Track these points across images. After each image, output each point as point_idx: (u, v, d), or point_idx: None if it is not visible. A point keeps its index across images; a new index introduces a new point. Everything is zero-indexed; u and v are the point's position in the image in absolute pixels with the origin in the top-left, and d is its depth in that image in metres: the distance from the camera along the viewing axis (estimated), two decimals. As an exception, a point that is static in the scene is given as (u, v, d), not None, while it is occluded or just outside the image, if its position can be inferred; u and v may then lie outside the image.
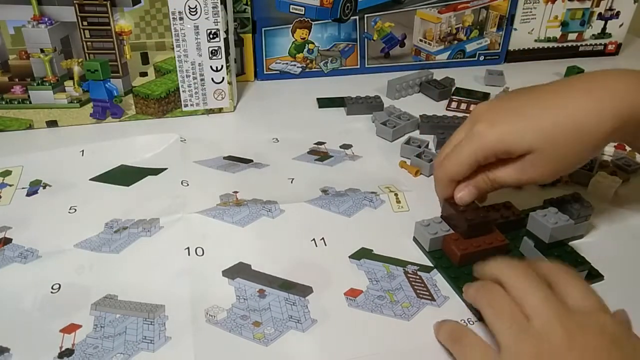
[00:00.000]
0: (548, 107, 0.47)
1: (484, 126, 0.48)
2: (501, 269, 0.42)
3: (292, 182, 0.63)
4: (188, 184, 0.62)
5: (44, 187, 0.62)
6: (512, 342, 0.38)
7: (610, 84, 0.47)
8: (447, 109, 0.82)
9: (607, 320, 0.37)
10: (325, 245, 0.54)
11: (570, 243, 0.52)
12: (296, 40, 0.88)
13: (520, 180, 0.48)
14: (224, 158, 0.68)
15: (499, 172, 0.49)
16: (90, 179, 0.63)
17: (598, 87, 0.47)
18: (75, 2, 0.68)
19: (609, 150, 0.70)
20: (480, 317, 0.44)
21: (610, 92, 0.46)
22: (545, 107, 0.47)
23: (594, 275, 0.50)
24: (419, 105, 0.82)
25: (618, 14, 0.97)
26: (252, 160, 0.67)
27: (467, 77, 0.91)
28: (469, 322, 0.45)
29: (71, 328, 0.45)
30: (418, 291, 0.49)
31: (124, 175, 0.64)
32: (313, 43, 0.89)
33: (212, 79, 0.76)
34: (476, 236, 0.51)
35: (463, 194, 0.51)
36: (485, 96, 0.84)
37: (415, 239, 0.54)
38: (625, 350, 0.36)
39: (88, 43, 0.71)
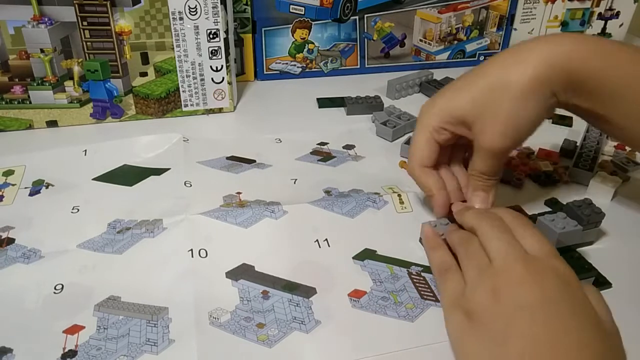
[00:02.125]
0: (478, 76, 0.49)
1: (426, 105, 0.53)
2: (475, 218, 0.47)
3: (295, 182, 0.63)
4: (191, 185, 0.61)
5: (47, 187, 0.61)
6: (474, 277, 0.42)
7: (535, 42, 0.47)
8: (447, 109, 0.82)
9: (560, 265, 0.40)
10: (329, 246, 0.54)
11: (580, 249, 0.52)
12: (296, 40, 0.88)
13: (485, 154, 0.49)
14: (227, 158, 0.67)
15: (471, 162, 0.51)
16: (93, 179, 0.63)
17: (523, 47, 0.47)
18: (75, 2, 0.68)
19: (609, 150, 0.70)
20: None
21: (534, 48, 0.47)
22: (475, 77, 0.49)
23: (601, 283, 0.50)
24: (419, 105, 0.80)
25: (618, 14, 0.97)
26: (254, 161, 0.67)
27: (467, 77, 0.91)
28: None
29: (74, 329, 0.45)
30: (422, 292, 0.49)
31: (127, 175, 0.64)
32: (313, 43, 0.88)
33: (212, 79, 0.76)
34: None
35: (474, 202, 0.52)
36: (485, 96, 0.84)
37: (421, 240, 0.54)
38: (575, 291, 0.39)
39: (88, 43, 0.70)
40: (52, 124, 0.74)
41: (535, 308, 0.37)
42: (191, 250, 0.52)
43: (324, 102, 0.83)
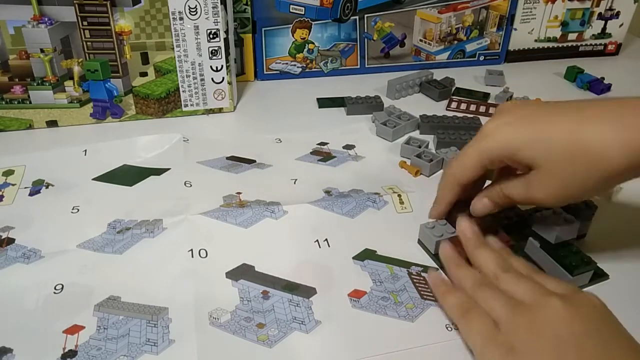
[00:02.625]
0: (564, 121, 0.43)
1: (494, 126, 0.46)
2: (468, 284, 0.46)
3: (295, 182, 0.63)
4: (191, 185, 0.61)
5: (47, 187, 0.61)
6: (507, 314, 0.41)
7: (637, 118, 0.41)
8: (447, 109, 0.82)
9: (593, 297, 0.40)
10: (329, 246, 0.54)
11: (578, 244, 0.52)
12: (296, 40, 0.88)
13: (527, 198, 0.45)
14: (227, 158, 0.67)
15: (510, 186, 0.47)
16: (93, 179, 0.63)
17: (622, 116, 0.41)
18: (75, 2, 0.68)
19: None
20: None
21: (633, 127, 0.40)
22: (561, 120, 0.43)
23: (599, 275, 0.50)
24: (419, 105, 0.82)
25: (618, 14, 0.97)
26: (255, 161, 0.67)
27: (467, 77, 0.91)
28: (447, 328, 0.46)
29: (74, 329, 0.45)
30: (422, 292, 0.49)
31: (127, 175, 0.64)
32: (313, 43, 0.88)
33: (212, 79, 0.76)
34: None
35: (477, 206, 0.50)
36: (485, 96, 0.84)
37: (420, 242, 0.54)
38: (613, 321, 0.39)
39: (88, 43, 0.70)
40: (52, 124, 0.74)
41: (579, 339, 0.37)
42: (191, 250, 0.52)
43: (324, 102, 0.83)
